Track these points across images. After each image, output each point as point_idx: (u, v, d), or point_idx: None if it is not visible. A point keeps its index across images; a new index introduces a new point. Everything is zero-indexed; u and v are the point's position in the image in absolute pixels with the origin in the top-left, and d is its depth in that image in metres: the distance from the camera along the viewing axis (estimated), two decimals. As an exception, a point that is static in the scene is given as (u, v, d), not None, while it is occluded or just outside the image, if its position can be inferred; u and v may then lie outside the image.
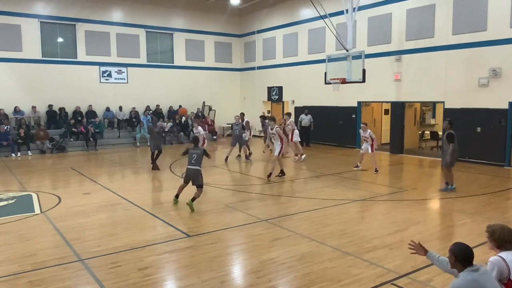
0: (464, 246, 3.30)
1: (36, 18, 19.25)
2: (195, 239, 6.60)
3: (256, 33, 24.20)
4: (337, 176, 12.05)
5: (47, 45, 19.77)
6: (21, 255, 5.95)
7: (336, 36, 15.72)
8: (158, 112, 22.10)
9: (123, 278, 5.14)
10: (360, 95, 18.00)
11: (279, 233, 6.87)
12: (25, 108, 19.02)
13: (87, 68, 20.55)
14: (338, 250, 6.05)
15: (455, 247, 3.33)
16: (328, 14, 16.11)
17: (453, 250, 3.32)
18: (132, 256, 5.87)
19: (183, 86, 23.26)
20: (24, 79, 19.07)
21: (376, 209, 8.66)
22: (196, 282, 5.03)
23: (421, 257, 5.78)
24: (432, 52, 15.33)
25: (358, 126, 18.42)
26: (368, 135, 12.53)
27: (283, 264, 5.59)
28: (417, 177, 12.81)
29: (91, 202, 9.11)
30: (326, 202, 8.92)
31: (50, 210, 8.41)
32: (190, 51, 23.64)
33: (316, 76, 18.63)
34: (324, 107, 19.63)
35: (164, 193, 10.30)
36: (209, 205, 8.73)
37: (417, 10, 15.73)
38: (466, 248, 3.29)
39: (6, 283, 5.03)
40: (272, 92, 23.36)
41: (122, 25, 21.36)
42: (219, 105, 24.23)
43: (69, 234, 6.86)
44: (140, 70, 22.02)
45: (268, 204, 8.94)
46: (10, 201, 9.21)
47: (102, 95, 20.89)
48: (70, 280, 5.14)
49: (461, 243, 3.34)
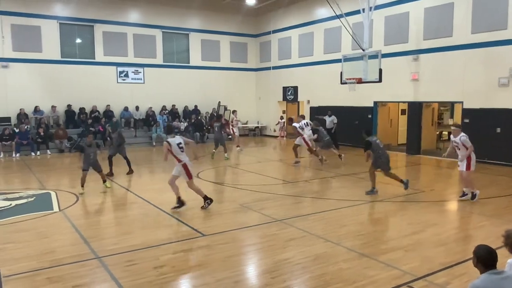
0: (487, 249, 3.25)
1: (55, 20, 19.60)
2: (209, 239, 6.62)
3: (271, 33, 24.19)
4: (353, 176, 11.95)
5: (66, 46, 20.12)
6: (40, 252, 6.06)
7: (352, 35, 15.59)
8: (174, 112, 22.29)
9: (139, 276, 5.19)
10: (377, 95, 17.82)
11: (294, 234, 6.85)
12: (44, 107, 19.39)
13: (105, 68, 20.85)
14: (354, 251, 6.00)
15: (478, 249, 3.29)
16: (344, 13, 16.00)
17: (477, 252, 3.29)
18: (147, 255, 5.93)
19: (198, 86, 23.39)
20: (43, 79, 19.44)
21: (392, 210, 8.56)
22: (210, 281, 5.05)
23: (438, 259, 5.73)
24: (450, 52, 15.09)
25: (375, 126, 18.32)
26: (460, 141, 8.71)
27: (297, 264, 5.57)
28: (435, 178, 12.62)
29: (108, 200, 9.23)
30: (341, 203, 8.85)
31: (68, 208, 8.55)
32: (205, 51, 23.76)
33: (331, 76, 18.52)
34: (339, 107, 19.48)
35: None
36: (224, 205, 8.76)
37: (435, 8, 15.49)
38: (490, 251, 3.24)
39: (25, 279, 5.14)
40: (288, 92, 23.31)
41: (139, 26, 21.60)
42: (234, 105, 24.24)
43: (86, 232, 6.97)
44: (157, 70, 22.23)
45: (283, 204, 8.92)
46: (29, 199, 9.40)
47: (119, 95, 21.16)
48: (87, 278, 5.21)
49: (485, 246, 3.30)
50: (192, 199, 8.84)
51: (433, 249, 6.16)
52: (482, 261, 3.21)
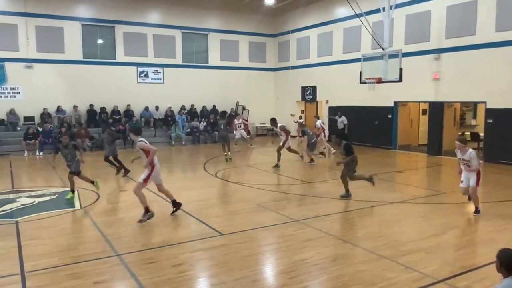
0: (511, 253, 3.18)
1: (77, 21, 20.00)
2: (227, 238, 6.65)
3: (290, 33, 24.13)
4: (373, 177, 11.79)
5: (88, 47, 20.51)
6: (62, 248, 6.20)
7: (372, 34, 15.42)
8: (192, 112, 22.47)
9: (158, 274, 5.26)
10: (397, 95, 17.58)
11: (311, 234, 6.82)
12: (66, 107, 19.81)
13: (125, 68, 21.16)
14: (372, 252, 5.94)
15: (501, 252, 3.23)
16: (364, 12, 15.82)
17: (500, 255, 3.22)
18: (166, 253, 6.00)
19: (217, 86, 23.51)
20: (66, 80, 19.85)
21: (412, 211, 8.44)
22: (228, 280, 5.07)
23: (460, 262, 5.62)
24: (473, 50, 14.77)
25: (395, 126, 18.08)
26: (470, 157, 7.72)
27: (315, 265, 5.54)
28: (456, 180, 12.33)
29: (128, 199, 9.35)
30: (360, 204, 8.77)
31: (89, 206, 8.71)
32: (224, 51, 23.87)
33: (351, 76, 18.36)
34: (359, 107, 19.31)
35: (197, 192, 10.44)
36: (241, 204, 8.78)
37: (458, 6, 15.19)
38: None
39: (48, 275, 5.26)
40: (306, 92, 23.21)
41: (159, 27, 21.84)
42: (252, 105, 24.31)
43: (107, 229, 7.09)
44: (176, 71, 22.44)
45: (300, 204, 8.89)
46: (52, 197, 9.62)
47: (139, 95, 21.44)
48: (107, 274, 5.30)
49: (509, 249, 3.23)
50: (205, 198, 8.90)
51: (454, 251, 6.05)
52: (506, 265, 3.14)
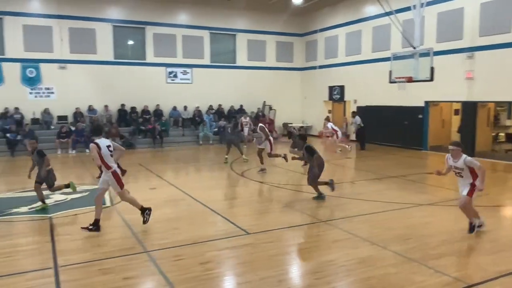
0: None
1: (109, 23, 20.51)
2: (254, 237, 6.67)
3: (318, 32, 23.95)
4: (401, 178, 11.60)
5: (119, 48, 21.00)
6: (93, 244, 6.38)
7: (403, 33, 15.12)
8: (219, 112, 22.64)
9: (185, 271, 5.33)
10: (428, 95, 17.16)
11: (338, 235, 6.76)
12: (98, 107, 20.34)
13: (155, 69, 21.55)
14: (401, 255, 5.82)
15: None
16: (394, 10, 15.54)
17: None
18: (194, 250, 6.07)
19: (244, 86, 23.60)
20: (97, 80, 20.38)
21: (443, 214, 8.22)
22: (254, 279, 5.09)
23: (493, 267, 5.43)
24: (508, 49, 14.26)
25: (426, 126, 17.66)
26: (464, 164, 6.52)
27: (342, 266, 5.49)
28: (490, 182, 11.90)
29: (157, 197, 9.52)
30: (388, 205, 8.61)
31: (119, 203, 8.91)
32: (252, 51, 23.94)
33: (380, 75, 18.07)
34: (388, 107, 18.97)
35: (224, 191, 10.53)
36: (267, 204, 8.79)
37: (493, 3, 14.69)
38: None
39: (79, 269, 5.42)
40: (334, 92, 22.98)
41: (188, 27, 22.12)
42: (279, 105, 24.28)
43: (136, 226, 7.23)
44: (204, 71, 22.66)
45: (327, 205, 8.81)
46: (83, 194, 9.90)
47: (168, 94, 21.77)
48: (136, 270, 5.42)
49: None
50: (231, 197, 8.95)
51: (487, 256, 5.86)
52: None
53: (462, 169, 6.53)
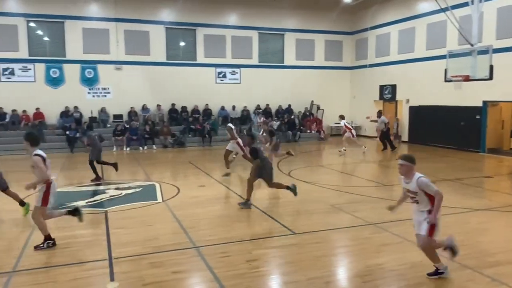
0: None
1: (162, 25, 21.21)
2: (300, 237, 6.65)
3: (369, 30, 23.40)
4: (457, 182, 11.07)
5: (171, 49, 21.66)
6: (144, 238, 6.62)
7: (459, 30, 14.43)
8: (267, 111, 22.72)
9: (232, 268, 5.41)
10: (486, 94, 16.27)
11: (388, 238, 6.58)
12: (151, 106, 21.10)
13: (205, 69, 22.01)
14: (455, 262, 5.57)
15: None
16: (450, 6, 14.86)
17: None
18: (241, 248, 6.14)
19: (292, 85, 23.54)
20: (151, 80, 21.14)
21: (502, 220, 7.77)
22: (301, 279, 5.07)
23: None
24: None
25: (484, 128, 16.75)
26: (416, 187, 5.16)
27: (392, 271, 5.34)
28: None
29: (206, 194, 9.73)
30: (443, 210, 8.10)
31: (170, 200, 9.20)
32: (300, 51, 23.81)
33: (434, 74, 17.37)
34: (443, 107, 18.19)
35: (271, 190, 10.53)
36: (314, 205, 8.71)
37: (561, -4, 13.69)
38: None
39: (131, 262, 5.65)
40: (385, 91, 22.36)
41: (237, 28, 22.39)
42: (327, 104, 23.96)
43: (185, 222, 7.43)
44: (252, 71, 22.85)
45: (376, 207, 8.58)
46: (137, 189, 10.31)
47: (217, 94, 22.17)
48: (185, 265, 5.57)
49: None
50: (278, 197, 8.94)
51: (552, 267, 5.47)
52: None
53: (416, 193, 5.04)
